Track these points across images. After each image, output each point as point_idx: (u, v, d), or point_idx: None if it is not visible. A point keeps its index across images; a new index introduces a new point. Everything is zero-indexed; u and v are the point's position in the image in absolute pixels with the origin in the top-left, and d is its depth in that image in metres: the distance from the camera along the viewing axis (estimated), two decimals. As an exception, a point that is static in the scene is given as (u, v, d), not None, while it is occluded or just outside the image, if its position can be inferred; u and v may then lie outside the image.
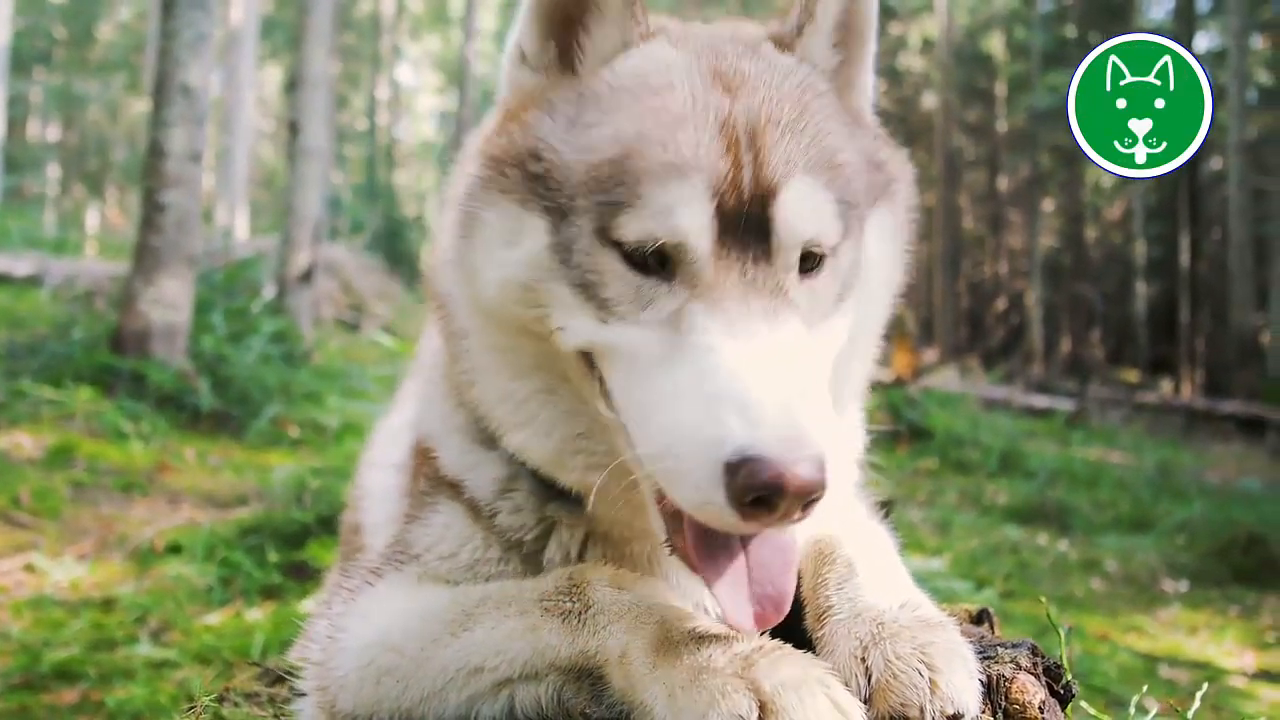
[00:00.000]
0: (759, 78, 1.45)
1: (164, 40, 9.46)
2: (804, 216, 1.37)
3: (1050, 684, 1.43)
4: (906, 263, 1.63)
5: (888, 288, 1.58)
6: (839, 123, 1.48)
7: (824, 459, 1.20)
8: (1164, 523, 10.94)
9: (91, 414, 8.34)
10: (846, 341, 1.50)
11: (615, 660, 1.36)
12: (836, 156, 1.42)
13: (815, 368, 1.34)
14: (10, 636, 4.70)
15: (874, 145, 1.55)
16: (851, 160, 1.45)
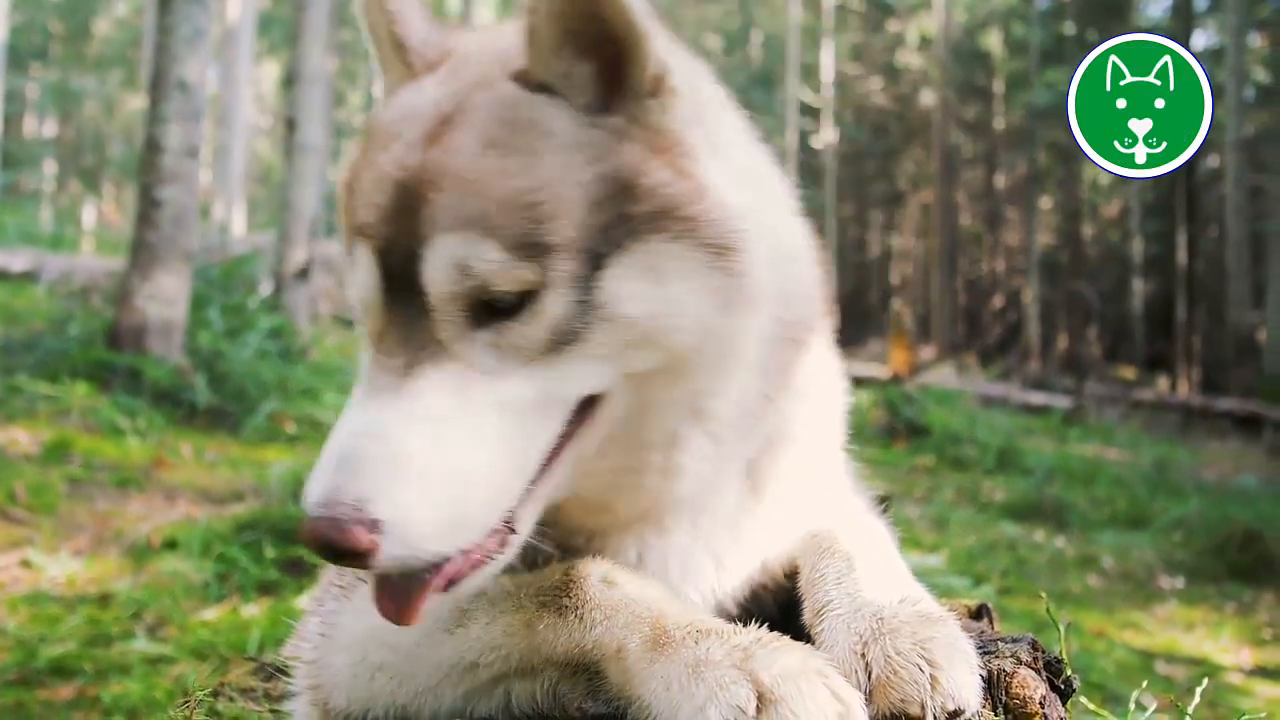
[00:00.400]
0: (470, 121, 1.38)
1: (161, 35, 9.44)
2: (451, 272, 1.32)
3: (1051, 679, 1.42)
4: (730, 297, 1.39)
5: (678, 327, 1.36)
6: (550, 154, 1.35)
7: (356, 518, 1.22)
8: (1161, 519, 10.96)
9: (88, 410, 8.34)
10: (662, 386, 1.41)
11: (612, 655, 1.35)
12: (525, 199, 1.31)
13: (433, 422, 1.30)
14: (6, 632, 4.70)
15: (636, 169, 1.36)
16: (555, 197, 1.32)
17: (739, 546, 1.64)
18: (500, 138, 1.36)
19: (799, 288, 1.56)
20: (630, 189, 1.34)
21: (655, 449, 1.45)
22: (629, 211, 1.34)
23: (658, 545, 1.58)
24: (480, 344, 1.34)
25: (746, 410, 1.48)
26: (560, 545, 1.56)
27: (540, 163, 1.34)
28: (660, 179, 1.36)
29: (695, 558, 1.60)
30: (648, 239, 1.34)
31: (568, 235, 1.31)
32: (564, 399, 1.37)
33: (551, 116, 1.37)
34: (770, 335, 1.47)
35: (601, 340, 1.34)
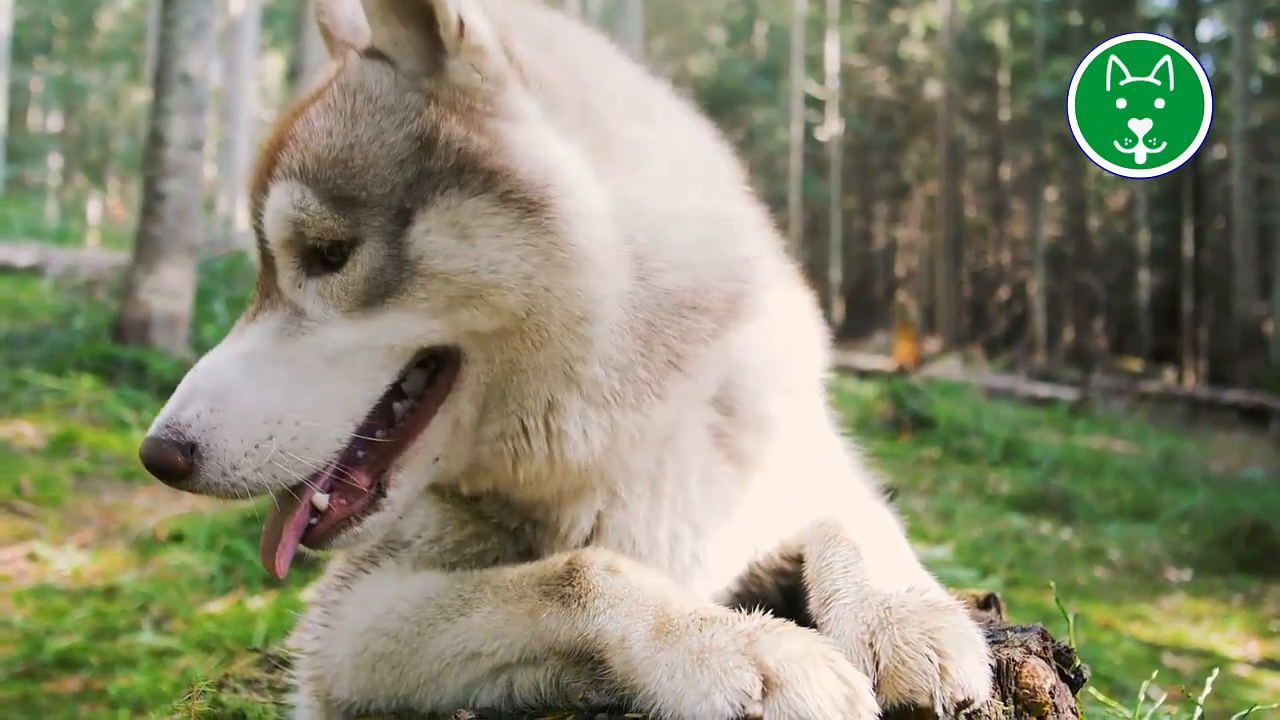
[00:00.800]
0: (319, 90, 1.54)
1: (164, 28, 9.45)
2: (276, 218, 1.47)
3: (1061, 668, 1.41)
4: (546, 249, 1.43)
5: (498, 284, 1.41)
6: (361, 114, 1.47)
7: (174, 440, 1.39)
8: (1167, 512, 10.93)
9: (93, 403, 8.36)
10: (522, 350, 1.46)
11: (616, 644, 1.34)
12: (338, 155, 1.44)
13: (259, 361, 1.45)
14: (13, 625, 4.71)
15: (434, 127, 1.44)
16: (363, 152, 1.44)
17: (726, 516, 1.64)
18: (334, 103, 1.49)
19: (686, 253, 1.54)
20: (430, 145, 1.43)
21: (535, 414, 1.49)
22: (429, 167, 1.43)
23: (615, 515, 1.60)
24: (310, 292, 1.46)
25: (633, 377, 1.48)
26: (526, 516, 1.62)
27: (357, 124, 1.46)
28: (456, 134, 1.43)
29: (664, 525, 1.61)
30: (448, 194, 1.42)
31: (376, 191, 1.42)
32: (391, 349, 1.45)
33: (376, 82, 1.49)
34: (642, 301, 1.48)
35: (422, 295, 1.42)
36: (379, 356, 1.45)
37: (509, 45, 1.49)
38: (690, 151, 1.64)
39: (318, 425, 1.42)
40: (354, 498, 1.47)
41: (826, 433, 1.84)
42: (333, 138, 1.46)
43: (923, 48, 43.53)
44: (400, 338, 1.44)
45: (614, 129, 1.54)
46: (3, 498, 6.31)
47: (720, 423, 1.63)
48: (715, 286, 1.54)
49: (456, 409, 1.49)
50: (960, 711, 1.23)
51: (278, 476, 1.41)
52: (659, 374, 1.50)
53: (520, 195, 1.41)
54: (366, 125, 1.46)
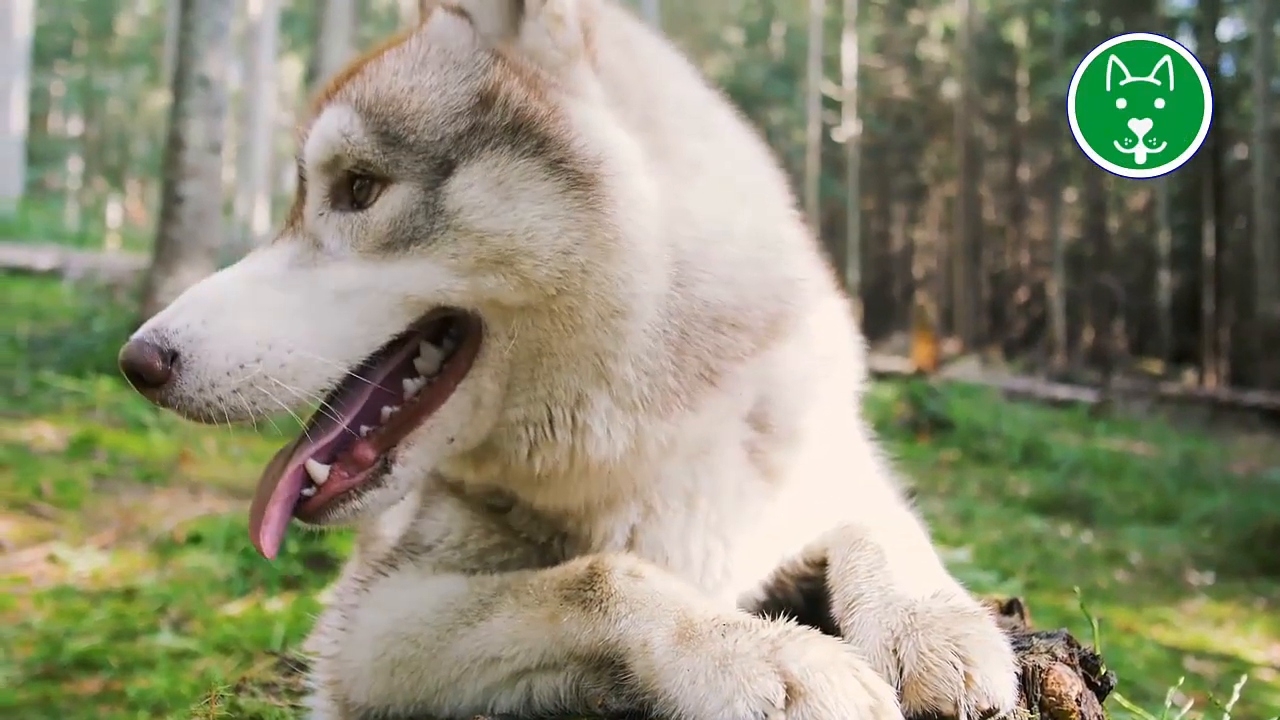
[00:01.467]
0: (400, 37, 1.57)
1: (182, 32, 9.49)
2: (319, 139, 1.47)
3: (1087, 675, 1.39)
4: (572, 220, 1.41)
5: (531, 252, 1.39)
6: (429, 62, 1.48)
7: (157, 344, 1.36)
8: (1189, 514, 10.85)
9: (113, 405, 8.39)
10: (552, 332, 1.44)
11: (637, 649, 1.33)
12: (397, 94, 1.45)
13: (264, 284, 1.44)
14: (32, 626, 4.72)
15: (496, 85, 1.44)
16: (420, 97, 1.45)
17: (755, 529, 1.63)
18: (409, 49, 1.51)
19: (730, 269, 1.53)
20: (489, 102, 1.43)
21: (563, 405, 1.47)
22: (484, 122, 1.42)
23: (649, 529, 1.58)
24: (334, 226, 1.46)
25: (663, 385, 1.46)
26: (557, 530, 1.61)
27: (425, 70, 1.47)
28: (516, 94, 1.43)
29: (697, 540, 1.59)
30: (498, 149, 1.41)
31: (425, 138, 1.42)
32: (406, 298, 1.42)
33: (454, 37, 1.51)
34: (679, 308, 1.46)
35: (451, 250, 1.40)
36: (391, 303, 1.42)
37: (589, 26, 1.50)
38: (747, 173, 1.64)
39: (310, 356, 1.39)
40: (355, 470, 1.44)
41: (855, 439, 1.83)
42: (397, 77, 1.47)
43: (940, 48, 43.39)
44: (419, 288, 1.42)
45: (674, 139, 1.53)
46: (23, 499, 6.34)
47: (755, 439, 1.62)
48: (758, 305, 1.53)
49: (478, 386, 1.46)
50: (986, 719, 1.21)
51: (256, 402, 1.37)
52: (690, 386, 1.48)
53: (571, 166, 1.40)
54: (434, 73, 1.47)
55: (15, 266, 15.25)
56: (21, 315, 11.71)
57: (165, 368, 1.35)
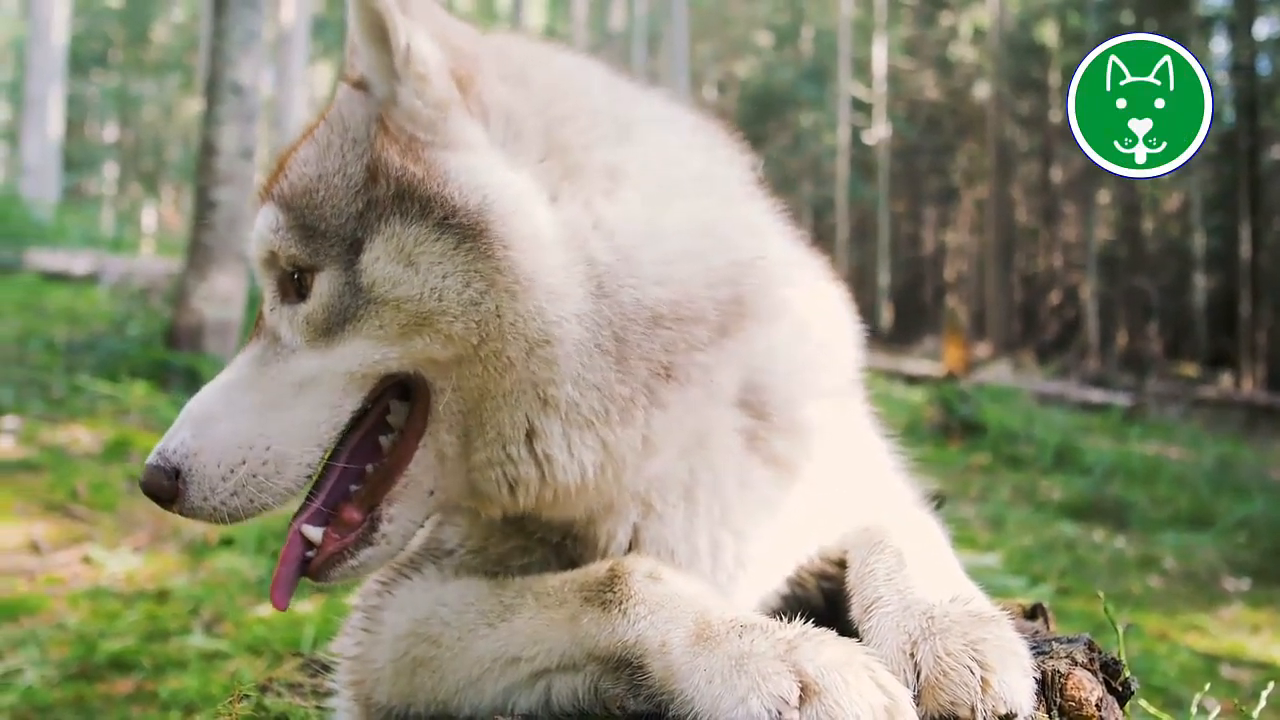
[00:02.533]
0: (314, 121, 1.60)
1: (215, 40, 9.59)
2: (256, 240, 1.54)
3: (1108, 680, 1.38)
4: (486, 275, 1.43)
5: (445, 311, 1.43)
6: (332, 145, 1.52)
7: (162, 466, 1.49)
8: (1225, 519, 10.73)
9: (147, 409, 8.48)
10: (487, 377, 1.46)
11: (655, 650, 1.34)
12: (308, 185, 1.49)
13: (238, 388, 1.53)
14: (68, 627, 4.78)
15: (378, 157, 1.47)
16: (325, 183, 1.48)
17: (768, 518, 1.63)
18: (319, 133, 1.55)
19: (665, 268, 1.52)
20: (375, 175, 1.46)
21: (514, 442, 1.50)
22: (375, 196, 1.46)
23: (651, 527, 1.59)
24: (284, 319, 1.52)
25: (613, 395, 1.47)
26: (566, 532, 1.63)
27: (328, 155, 1.51)
28: (394, 162, 1.46)
29: (704, 535, 1.60)
30: (391, 222, 1.44)
31: (334, 222, 1.47)
32: (351, 375, 1.48)
33: (352, 113, 1.53)
34: (608, 318, 1.47)
35: (376, 322, 1.45)
36: (341, 383, 1.48)
37: (466, 74, 1.50)
38: (679, 166, 1.62)
39: (287, 450, 1.47)
40: (346, 531, 1.51)
41: (869, 436, 1.83)
42: (306, 168, 1.51)
43: (971, 49, 43.15)
44: (359, 364, 1.47)
45: (584, 155, 1.54)
46: (59, 502, 6.42)
47: (753, 426, 1.62)
48: (703, 295, 1.52)
49: (437, 441, 1.50)
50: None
51: (254, 501, 1.47)
52: (647, 386, 1.48)
53: (456, 221, 1.42)
54: (335, 156, 1.50)
55: (53, 271, 15.46)
56: (58, 319, 11.87)
57: (172, 485, 1.47)
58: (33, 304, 12.80)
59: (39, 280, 14.75)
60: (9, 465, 6.92)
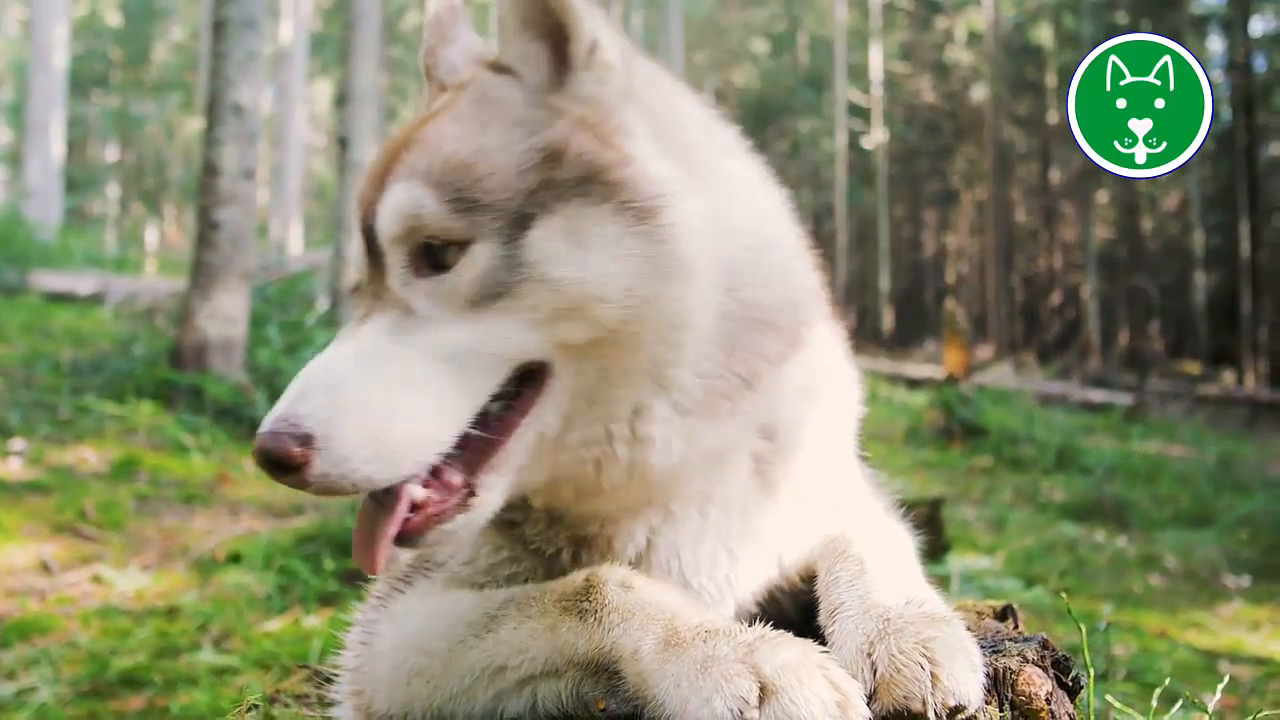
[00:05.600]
0: (451, 104, 1.61)
1: (215, 60, 9.65)
2: (392, 215, 1.51)
3: (1059, 676, 1.46)
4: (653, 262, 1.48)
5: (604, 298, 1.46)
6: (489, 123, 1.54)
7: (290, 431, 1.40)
8: (1226, 517, 10.77)
9: (153, 428, 8.53)
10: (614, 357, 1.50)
11: (628, 656, 1.42)
12: (463, 157, 1.50)
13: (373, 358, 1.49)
14: (79, 645, 4.82)
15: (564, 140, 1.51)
16: (488, 159, 1.50)
17: (754, 542, 1.71)
18: (463, 112, 1.57)
19: (769, 273, 1.61)
20: (558, 156, 1.50)
21: (621, 420, 1.54)
22: (555, 177, 1.49)
23: (667, 532, 1.66)
24: (421, 292, 1.51)
25: (713, 388, 1.54)
26: (576, 535, 1.68)
27: (485, 133, 1.53)
28: (586, 147, 1.50)
29: (706, 546, 1.67)
30: (571, 201, 1.48)
31: (498, 196, 1.48)
32: (496, 356, 1.49)
33: (507, 95, 1.57)
34: (729, 312, 1.55)
35: (531, 301, 1.46)
36: (485, 362, 1.48)
37: (631, 68, 1.59)
38: (765, 187, 1.73)
39: (424, 426, 1.45)
40: (448, 495, 1.50)
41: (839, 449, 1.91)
42: (460, 143, 1.52)
43: (967, 53, 43.21)
44: (504, 346, 1.48)
45: (707, 159, 1.62)
46: (68, 521, 6.48)
47: (764, 449, 1.69)
48: (789, 310, 1.62)
49: (540, 421, 1.52)
50: (954, 717, 1.30)
51: (387, 471, 1.42)
52: (734, 388, 1.56)
53: (635, 205, 1.47)
54: (496, 134, 1.52)
55: (57, 292, 15.50)
56: (64, 340, 11.91)
57: (303, 451, 1.39)
58: (38, 325, 12.84)
59: (44, 302, 14.79)
60: (18, 487, 6.97)
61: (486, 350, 1.48)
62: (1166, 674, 5.69)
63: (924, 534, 1.98)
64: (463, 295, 1.48)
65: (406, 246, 1.51)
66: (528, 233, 1.46)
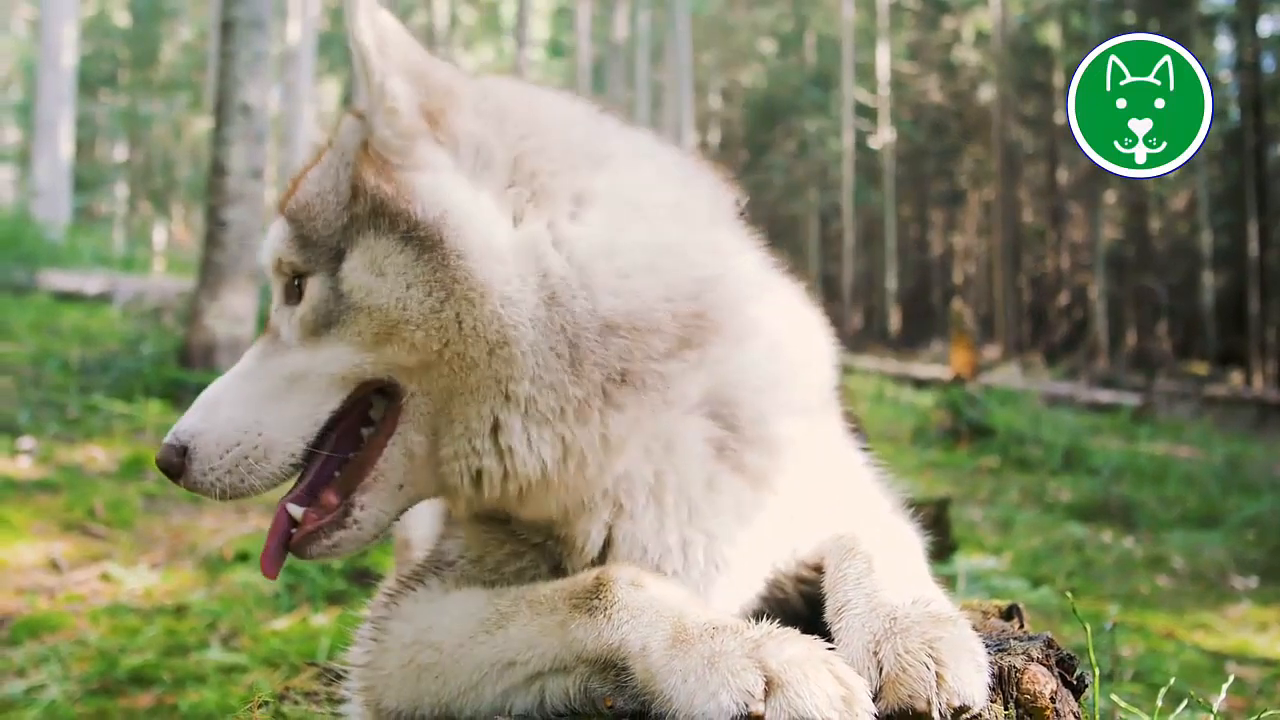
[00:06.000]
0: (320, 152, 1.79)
1: (223, 61, 9.69)
2: (267, 249, 1.74)
3: (1064, 675, 1.47)
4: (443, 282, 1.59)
5: (409, 320, 1.58)
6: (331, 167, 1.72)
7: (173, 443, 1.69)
8: (1233, 518, 10.74)
9: (162, 427, 8.54)
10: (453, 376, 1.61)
11: (637, 653, 1.44)
12: (307, 198, 1.70)
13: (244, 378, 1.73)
14: (88, 643, 4.84)
15: (359, 177, 1.65)
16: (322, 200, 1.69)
17: (747, 529, 1.73)
18: (325, 156, 1.75)
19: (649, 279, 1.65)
20: (357, 194, 1.65)
21: (479, 435, 1.63)
22: (356, 212, 1.65)
23: (623, 525, 1.70)
24: (284, 318, 1.71)
25: (567, 395, 1.60)
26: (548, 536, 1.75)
27: (326, 175, 1.71)
28: (370, 182, 1.64)
29: (672, 534, 1.70)
30: (367, 234, 1.63)
31: (323, 233, 1.66)
32: (334, 377, 1.66)
33: (350, 139, 1.72)
34: (561, 325, 1.59)
35: (355, 329, 1.62)
36: (324, 383, 1.66)
37: (434, 109, 1.67)
38: (649, 193, 1.74)
39: (275, 438, 1.65)
40: (324, 513, 1.67)
41: (844, 449, 1.92)
42: (309, 185, 1.72)
43: (975, 53, 43.17)
44: (339, 368, 1.65)
45: (553, 183, 1.67)
46: (77, 520, 6.51)
47: (722, 436, 1.71)
48: (661, 308, 1.64)
49: (405, 440, 1.65)
50: (958, 716, 1.32)
51: (244, 481, 1.66)
52: (602, 389, 1.60)
53: (418, 234, 1.59)
54: (330, 176, 1.70)
55: (66, 292, 15.55)
56: (72, 340, 11.95)
57: (180, 461, 1.67)
58: (46, 325, 12.88)
59: (52, 301, 14.84)
60: (27, 485, 7.00)
61: (325, 371, 1.65)
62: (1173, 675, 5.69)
63: (930, 534, 1.99)
64: (305, 324, 1.66)
65: (280, 279, 1.73)
66: (342, 265, 1.63)
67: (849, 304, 41.45)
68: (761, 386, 1.73)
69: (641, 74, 40.25)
